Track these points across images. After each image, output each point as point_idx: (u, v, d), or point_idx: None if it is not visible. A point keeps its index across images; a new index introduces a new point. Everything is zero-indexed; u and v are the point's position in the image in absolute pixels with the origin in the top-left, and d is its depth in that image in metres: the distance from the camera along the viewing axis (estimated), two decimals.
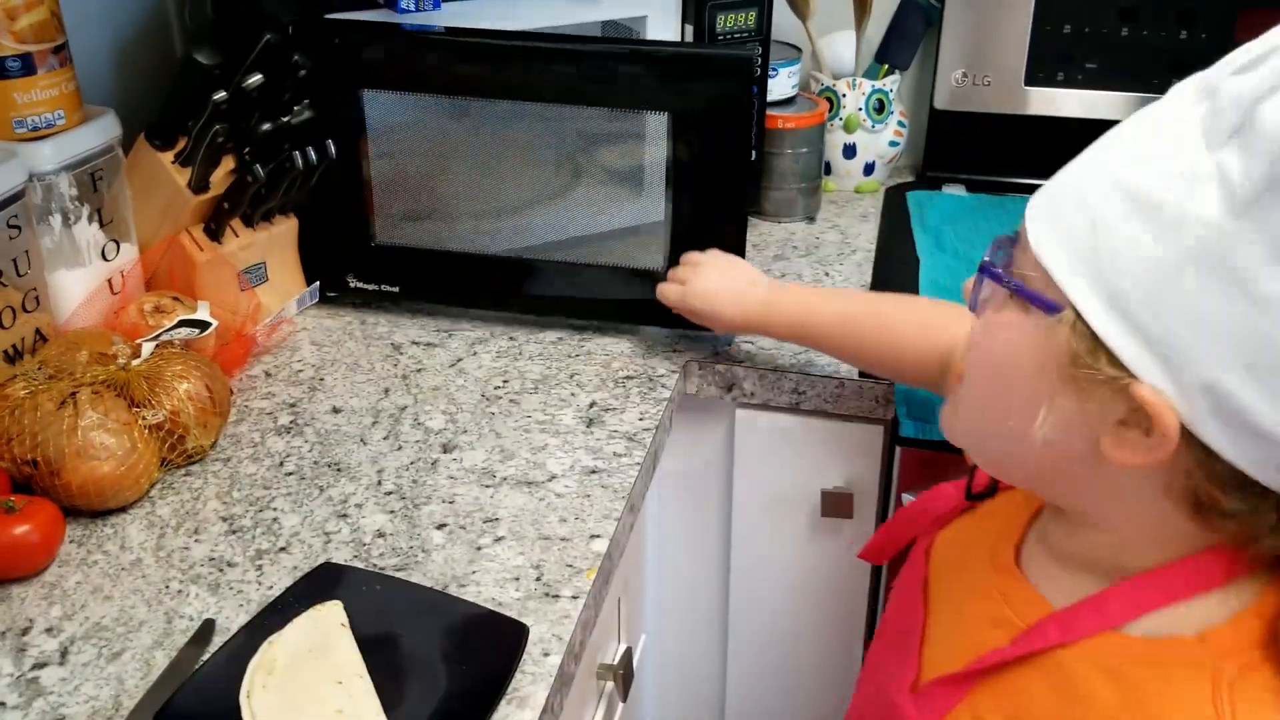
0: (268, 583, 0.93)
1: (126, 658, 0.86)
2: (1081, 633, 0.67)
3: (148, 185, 1.22)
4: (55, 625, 0.89)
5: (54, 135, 1.11)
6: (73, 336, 1.09)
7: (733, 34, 1.42)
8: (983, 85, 1.60)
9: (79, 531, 0.99)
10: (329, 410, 1.16)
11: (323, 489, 1.04)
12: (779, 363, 1.23)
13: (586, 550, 0.96)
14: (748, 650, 1.41)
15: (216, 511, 1.01)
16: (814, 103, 1.57)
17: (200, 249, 1.22)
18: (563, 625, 0.88)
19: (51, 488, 0.98)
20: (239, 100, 1.18)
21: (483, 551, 0.96)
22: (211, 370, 1.10)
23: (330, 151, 1.22)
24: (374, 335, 1.30)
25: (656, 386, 1.19)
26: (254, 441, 1.11)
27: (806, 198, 1.57)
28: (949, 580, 0.82)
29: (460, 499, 1.02)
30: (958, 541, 0.84)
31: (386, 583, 0.91)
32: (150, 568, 0.95)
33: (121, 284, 1.19)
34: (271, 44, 1.18)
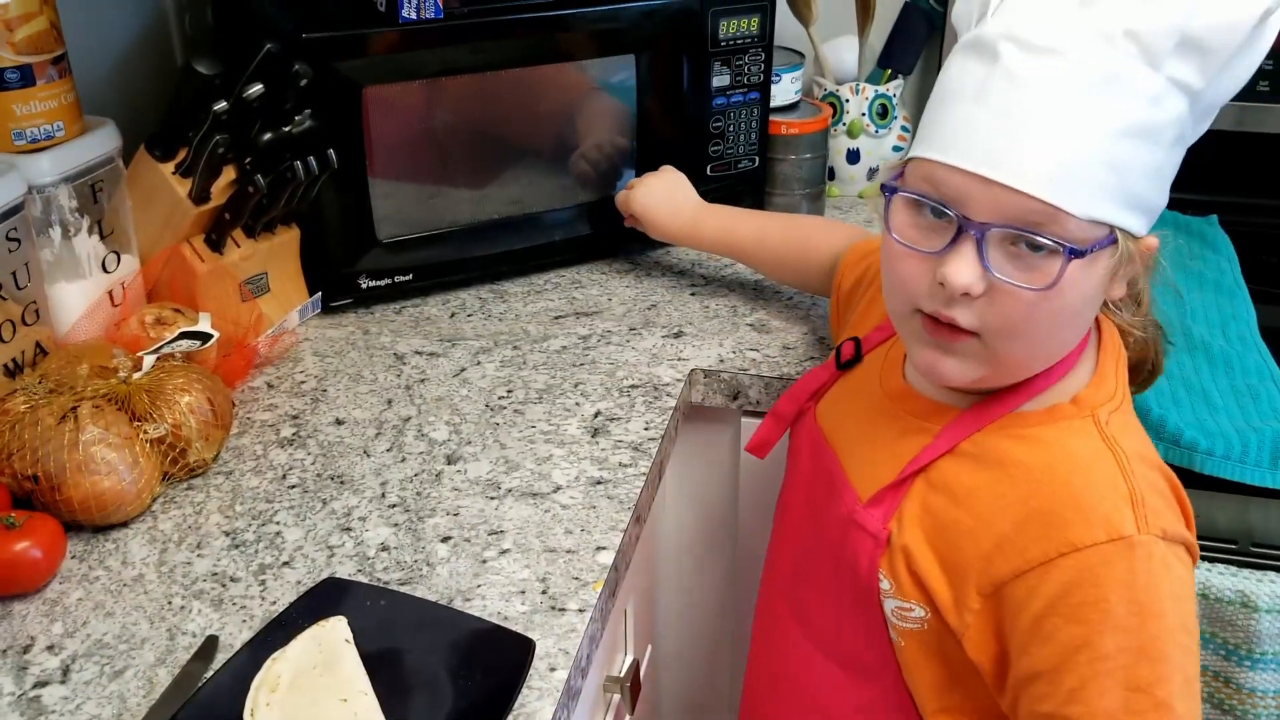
0: (271, 598, 0.92)
1: (129, 675, 0.85)
2: (989, 419, 0.85)
3: (148, 196, 1.21)
4: (57, 643, 0.88)
5: (53, 147, 1.10)
6: (73, 350, 1.08)
7: (736, 39, 1.42)
8: None
9: (80, 547, 0.98)
10: (332, 422, 1.15)
11: (326, 502, 1.03)
12: (784, 371, 1.22)
13: (593, 562, 0.95)
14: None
15: (219, 526, 1.00)
16: (817, 108, 1.56)
17: (201, 260, 1.22)
18: (569, 639, 0.87)
19: (52, 503, 0.97)
20: (240, 110, 1.18)
21: (488, 564, 0.95)
22: (213, 382, 1.09)
23: (332, 161, 1.21)
24: (376, 345, 1.29)
25: (661, 395, 1.18)
26: (256, 454, 1.10)
27: (810, 203, 1.56)
28: (848, 422, 0.97)
29: (465, 511, 1.01)
30: (842, 398, 1.00)
31: (391, 598, 0.90)
32: (152, 583, 0.94)
33: (122, 296, 1.18)
34: (272, 53, 1.17)
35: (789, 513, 1.03)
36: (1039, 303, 0.78)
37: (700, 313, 1.35)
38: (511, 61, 1.33)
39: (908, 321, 0.85)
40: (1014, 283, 0.77)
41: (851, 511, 0.90)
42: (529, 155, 1.41)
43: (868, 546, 0.88)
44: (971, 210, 0.77)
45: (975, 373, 0.83)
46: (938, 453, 0.87)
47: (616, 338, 1.29)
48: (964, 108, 0.78)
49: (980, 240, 0.77)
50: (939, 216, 0.79)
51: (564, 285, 1.42)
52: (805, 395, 1.03)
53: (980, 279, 0.78)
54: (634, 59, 1.39)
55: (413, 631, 0.86)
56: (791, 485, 1.04)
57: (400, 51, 1.25)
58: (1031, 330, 0.80)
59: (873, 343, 1.00)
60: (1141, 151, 0.76)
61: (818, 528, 0.96)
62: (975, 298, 0.78)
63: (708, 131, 1.45)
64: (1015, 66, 0.76)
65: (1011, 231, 0.76)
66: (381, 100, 1.27)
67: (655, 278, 1.43)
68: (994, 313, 0.79)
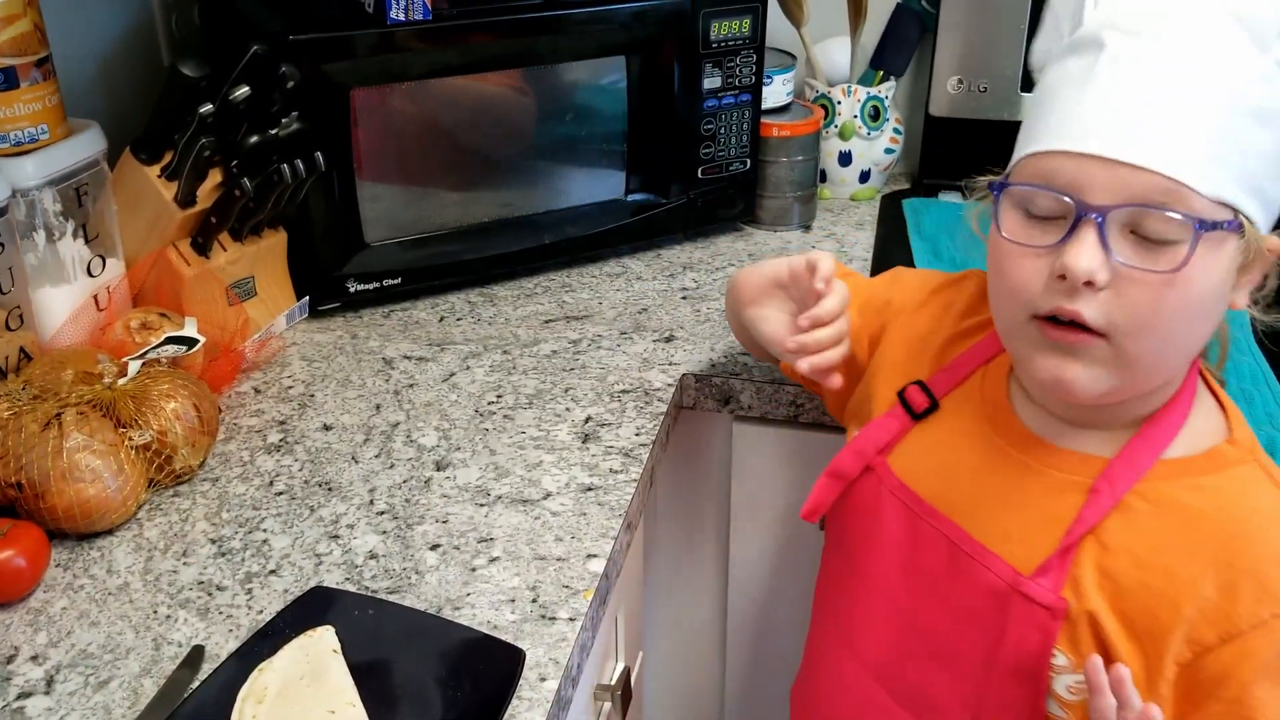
0: (258, 607, 0.91)
1: (114, 686, 0.84)
2: (1144, 467, 0.80)
3: (134, 199, 1.20)
4: (41, 653, 0.87)
5: (37, 150, 1.09)
6: (58, 355, 1.07)
7: (727, 41, 1.41)
8: (979, 91, 1.59)
9: (65, 555, 0.97)
10: (319, 427, 1.14)
11: (313, 509, 1.02)
12: (776, 376, 1.21)
13: (583, 570, 0.94)
14: (747, 667, 1.39)
15: (205, 533, 0.99)
16: (809, 110, 1.56)
17: (188, 264, 1.20)
18: (560, 649, 0.86)
19: (36, 511, 0.96)
20: (226, 112, 1.17)
21: (477, 573, 0.94)
22: (199, 388, 1.08)
23: (319, 163, 1.20)
24: (365, 350, 1.28)
25: (653, 400, 1.18)
26: (243, 460, 1.09)
27: (802, 206, 1.55)
28: (960, 481, 0.88)
29: (454, 518, 1.00)
30: (932, 451, 0.91)
31: (379, 607, 0.89)
32: (138, 592, 0.93)
33: (108, 300, 1.17)
34: (259, 55, 1.16)
35: (876, 582, 0.93)
36: (1166, 291, 0.73)
37: (691, 317, 1.34)
38: (501, 63, 1.32)
39: (1023, 331, 0.79)
40: (1140, 266, 0.73)
41: (1014, 584, 0.82)
42: (518, 158, 1.40)
43: (1040, 620, 0.81)
44: (1090, 195, 0.73)
45: (1105, 381, 0.77)
46: (1104, 510, 0.80)
47: (607, 342, 1.29)
48: (1070, 94, 0.76)
49: (1101, 225, 0.73)
50: (1054, 211, 0.75)
51: (554, 289, 1.41)
52: (873, 450, 0.93)
53: (1103, 265, 0.73)
54: (624, 61, 1.38)
55: (401, 641, 0.85)
56: (874, 551, 0.93)
57: (388, 53, 1.24)
58: (1161, 324, 0.75)
59: (945, 386, 0.92)
60: (1257, 132, 0.74)
61: (944, 603, 0.87)
62: (1099, 290, 0.74)
63: (699, 134, 1.44)
64: (1122, 50, 0.74)
65: (1136, 209, 0.73)
66: (369, 102, 1.26)
67: (646, 281, 1.43)
68: (1120, 305, 0.74)
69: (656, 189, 1.46)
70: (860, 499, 0.94)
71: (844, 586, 0.96)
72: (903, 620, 0.91)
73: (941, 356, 0.94)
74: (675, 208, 1.47)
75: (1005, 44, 1.56)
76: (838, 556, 0.98)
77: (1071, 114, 0.75)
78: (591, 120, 1.42)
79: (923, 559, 0.88)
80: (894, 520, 0.90)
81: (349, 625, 0.86)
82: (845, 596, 0.96)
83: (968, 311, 0.96)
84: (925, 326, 0.98)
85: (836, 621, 0.98)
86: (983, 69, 1.58)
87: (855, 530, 0.94)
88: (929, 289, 1.01)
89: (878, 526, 0.92)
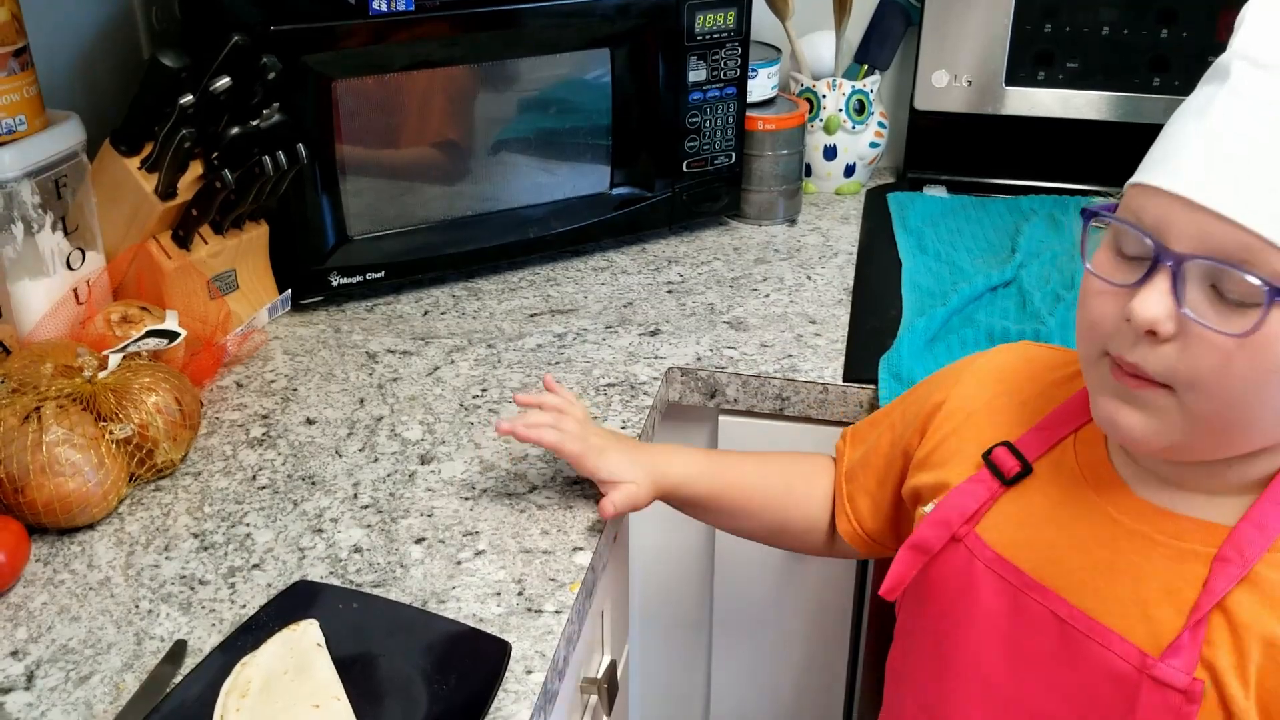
0: (241, 601, 0.90)
1: (95, 681, 0.83)
2: (1275, 533, 0.73)
3: (114, 192, 1.19)
4: (21, 648, 0.86)
5: (15, 141, 1.08)
6: (37, 349, 1.05)
7: (712, 34, 1.41)
8: (963, 85, 1.59)
9: (45, 550, 0.96)
10: (302, 421, 1.13)
11: (297, 503, 1.01)
12: (762, 369, 1.21)
13: (569, 563, 0.93)
14: (732, 661, 1.39)
15: (187, 528, 0.98)
16: (794, 104, 1.56)
17: (168, 257, 1.19)
18: (546, 641, 0.85)
19: (16, 505, 0.95)
20: (207, 104, 1.16)
21: (463, 566, 0.93)
22: (181, 382, 1.07)
23: (301, 155, 1.19)
24: (348, 344, 1.27)
25: (639, 394, 1.17)
26: (225, 455, 1.08)
27: (787, 200, 1.55)
28: (1068, 552, 0.80)
29: (439, 512, 1.00)
30: (1030, 520, 0.82)
31: (364, 600, 0.88)
32: (119, 587, 0.92)
33: (87, 294, 1.15)
34: (240, 46, 1.15)
35: (969, 662, 0.84)
36: (1236, 354, 0.67)
37: (677, 310, 1.33)
38: (484, 55, 1.32)
39: (1096, 366, 0.74)
40: (1208, 324, 0.67)
41: (1142, 666, 0.75)
42: (502, 151, 1.39)
43: (1174, 704, 0.74)
44: (1171, 240, 0.68)
45: (1164, 435, 0.72)
46: (1233, 580, 0.73)
47: (593, 336, 1.28)
48: (1184, 125, 0.70)
49: (1176, 273, 0.67)
50: (1137, 252, 0.70)
51: (539, 283, 1.40)
52: (960, 520, 0.84)
53: (1170, 316, 0.68)
54: (609, 53, 1.38)
55: (386, 635, 0.84)
56: (967, 629, 0.84)
57: (371, 44, 1.23)
58: (1227, 387, 0.69)
59: (1038, 448, 0.84)
60: None
61: (1055, 687, 0.80)
62: (1165, 340, 0.69)
63: (684, 127, 1.44)
64: (1241, 82, 0.68)
65: (1211, 265, 0.66)
66: (352, 94, 1.25)
67: (631, 275, 1.42)
68: (1185, 361, 0.68)
69: (641, 183, 1.46)
70: (947, 572, 0.85)
71: (930, 666, 0.88)
72: (1003, 705, 0.83)
73: (1029, 412, 0.86)
74: (660, 201, 1.47)
75: (989, 37, 1.56)
76: (920, 633, 0.89)
77: (1175, 149, 0.69)
78: (576, 114, 1.41)
79: (1027, 639, 0.80)
80: (991, 596, 0.82)
81: (333, 619, 0.85)
82: (932, 678, 0.87)
83: (1053, 365, 0.90)
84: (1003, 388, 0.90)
85: (921, 702, 0.89)
86: (967, 62, 1.58)
87: (942, 606, 0.85)
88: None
89: (971, 603, 0.83)
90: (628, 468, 0.97)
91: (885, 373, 1.18)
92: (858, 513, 0.98)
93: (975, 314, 1.29)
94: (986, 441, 0.85)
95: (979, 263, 1.41)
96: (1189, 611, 0.73)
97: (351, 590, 0.89)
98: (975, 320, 1.28)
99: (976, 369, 0.92)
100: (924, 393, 0.94)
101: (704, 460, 1.02)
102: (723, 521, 1.05)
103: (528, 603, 0.89)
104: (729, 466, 1.02)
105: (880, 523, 0.97)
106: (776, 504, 1.02)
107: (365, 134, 1.29)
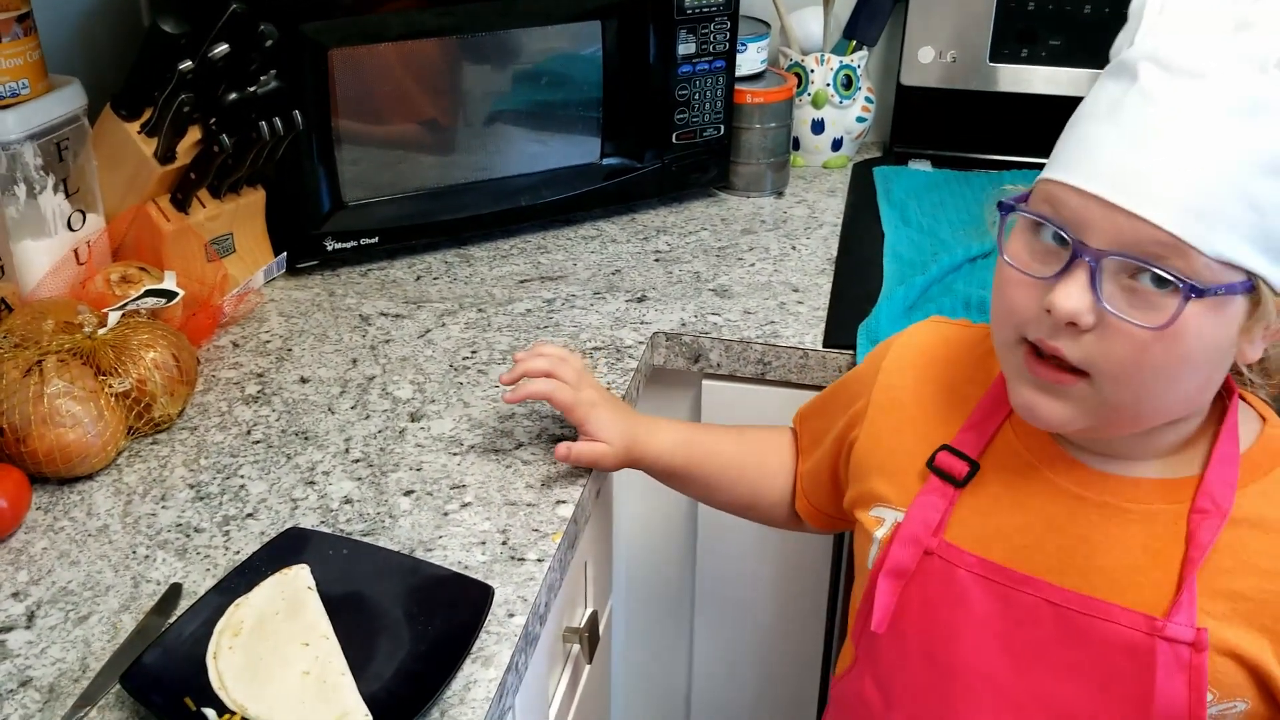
0: (235, 548, 0.93)
1: (93, 621, 0.86)
2: (1233, 483, 0.78)
3: (114, 155, 1.21)
4: (21, 590, 0.89)
5: (18, 104, 1.10)
6: (38, 306, 1.08)
7: (702, 8, 1.43)
8: (948, 61, 1.62)
9: (45, 498, 0.99)
10: (296, 380, 1.16)
11: (290, 457, 1.04)
12: (745, 334, 1.24)
13: (552, 515, 0.97)
14: (714, 617, 1.42)
15: (184, 479, 1.02)
16: (782, 78, 1.58)
17: (167, 219, 1.22)
18: (528, 587, 0.89)
19: (17, 454, 0.98)
20: (205, 69, 1.18)
21: (449, 517, 0.96)
22: (178, 340, 1.10)
23: (297, 122, 1.22)
24: (342, 307, 1.30)
25: (624, 357, 1.20)
26: (221, 410, 1.11)
27: (775, 173, 1.58)
28: (1042, 539, 0.81)
29: (428, 466, 1.03)
30: (995, 515, 0.83)
31: (353, 547, 0.91)
32: (117, 533, 0.95)
33: (87, 254, 1.18)
34: (238, 13, 1.18)
35: (973, 673, 0.84)
36: (1152, 344, 0.71)
37: (664, 278, 1.36)
38: (478, 25, 1.34)
39: (1012, 352, 0.77)
40: (1126, 318, 0.70)
41: (1153, 630, 0.77)
42: (495, 120, 1.42)
43: (1186, 658, 0.76)
44: (1089, 236, 0.71)
45: (1080, 420, 0.76)
46: (1215, 532, 0.77)
47: (580, 301, 1.31)
48: (1093, 127, 0.72)
49: (1094, 269, 0.70)
50: (1057, 242, 0.73)
51: (529, 250, 1.43)
52: (927, 533, 0.84)
53: (1089, 309, 0.71)
54: (600, 26, 1.40)
55: (374, 579, 0.88)
56: (961, 641, 0.83)
57: (366, 13, 1.26)
58: (1143, 376, 0.72)
59: (977, 444, 0.85)
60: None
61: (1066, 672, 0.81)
62: (1084, 331, 0.72)
63: (673, 100, 1.46)
64: (1152, 86, 0.70)
65: (1128, 261, 0.70)
66: (347, 62, 1.28)
67: (620, 244, 1.45)
68: (1103, 350, 0.72)
69: (631, 154, 1.49)
70: (929, 588, 0.84)
71: (925, 682, 0.86)
72: (1015, 704, 0.83)
73: (959, 400, 0.88)
74: (649, 172, 1.50)
75: (975, 14, 1.58)
76: (915, 659, 0.86)
77: (1087, 147, 0.72)
78: (567, 85, 1.44)
79: (1024, 632, 0.81)
80: (979, 599, 0.82)
81: (323, 564, 0.88)
82: (932, 693, 0.86)
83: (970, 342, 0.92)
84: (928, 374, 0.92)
85: None
86: (953, 39, 1.60)
87: (929, 624, 0.85)
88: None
89: (961, 610, 0.83)
90: (609, 429, 1.01)
91: (864, 338, 1.21)
92: (814, 494, 1.01)
93: (954, 283, 1.32)
94: (925, 447, 0.87)
95: (960, 235, 1.44)
96: (1178, 566, 0.77)
97: (342, 537, 0.93)
98: (954, 289, 1.31)
99: (894, 356, 0.94)
100: (853, 383, 0.97)
101: (682, 433, 1.05)
102: (697, 493, 1.08)
103: (511, 551, 0.92)
104: (705, 441, 1.05)
105: (835, 503, 0.99)
106: (749, 479, 1.05)
107: (361, 102, 1.32)
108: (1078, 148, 0.73)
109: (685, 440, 1.04)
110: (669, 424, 1.05)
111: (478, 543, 0.93)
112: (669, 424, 1.05)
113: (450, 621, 0.83)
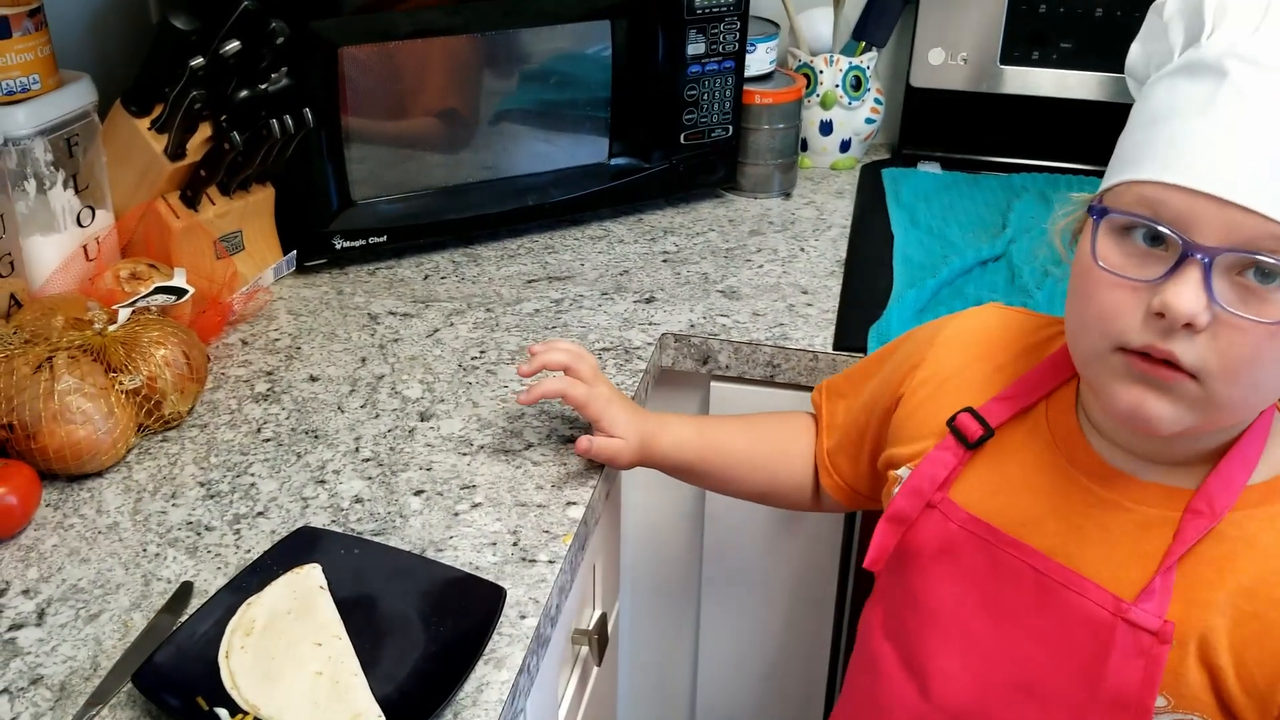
0: (245, 546, 0.93)
1: (104, 619, 0.86)
2: (1235, 493, 0.78)
3: (124, 151, 1.21)
4: (32, 587, 0.89)
5: (29, 100, 1.10)
6: (48, 302, 1.08)
7: (711, 8, 1.43)
8: (959, 63, 1.62)
9: (55, 495, 0.99)
10: (306, 378, 1.16)
11: (300, 455, 1.04)
12: (754, 336, 1.24)
13: (563, 516, 0.96)
14: (720, 620, 1.42)
15: (194, 476, 1.01)
16: (791, 79, 1.58)
17: (177, 216, 1.22)
18: (539, 589, 0.88)
19: (28, 451, 0.98)
20: (216, 66, 1.18)
21: (460, 517, 0.96)
22: (189, 337, 1.10)
23: (308, 120, 1.21)
24: (350, 305, 1.30)
25: (633, 358, 1.20)
26: (231, 408, 1.11)
27: (783, 174, 1.58)
28: (1037, 511, 0.83)
29: (438, 466, 1.03)
30: (999, 481, 0.85)
31: (365, 546, 0.91)
32: (127, 531, 0.95)
33: (97, 250, 1.18)
34: (249, 10, 1.18)
35: (951, 623, 0.87)
36: (1267, 341, 0.70)
37: (672, 279, 1.36)
38: (487, 24, 1.34)
39: (1104, 360, 0.75)
40: (1243, 315, 0.69)
41: (1117, 610, 0.79)
42: (503, 120, 1.42)
43: (1146, 646, 0.78)
44: (1198, 234, 0.69)
45: (1185, 420, 0.74)
46: (1203, 530, 0.78)
47: (589, 302, 1.31)
48: (1184, 123, 0.71)
49: (1208, 267, 0.69)
50: (1155, 242, 0.71)
51: (537, 250, 1.43)
52: (932, 488, 0.87)
53: (1206, 309, 0.69)
54: (609, 25, 1.40)
55: (385, 579, 0.88)
56: (946, 592, 0.87)
57: (376, 12, 1.26)
58: (1255, 373, 0.72)
59: (1002, 413, 0.87)
60: None
61: (1035, 637, 0.83)
62: (1197, 332, 0.70)
63: (682, 100, 1.46)
64: (1247, 84, 0.69)
65: (1244, 256, 0.69)
66: (357, 61, 1.28)
67: (628, 244, 1.45)
68: (1217, 350, 0.71)
69: (639, 154, 1.49)
70: (925, 537, 0.88)
71: (911, 622, 0.90)
72: (987, 662, 0.85)
73: (1003, 377, 0.89)
74: (657, 173, 1.50)
75: (985, 16, 1.58)
76: (900, 602, 0.91)
77: (1185, 145, 0.71)
78: (576, 85, 1.44)
79: (1006, 593, 0.84)
80: (969, 554, 0.85)
81: (335, 563, 0.88)
82: (913, 632, 0.90)
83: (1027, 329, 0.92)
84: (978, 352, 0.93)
85: (902, 655, 0.91)
86: (963, 41, 1.60)
87: (921, 572, 0.88)
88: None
89: (950, 565, 0.87)
90: (624, 425, 1.01)
91: (874, 341, 1.21)
92: (839, 469, 1.01)
93: (964, 286, 1.32)
94: (952, 410, 0.88)
95: (970, 237, 1.44)
96: (1159, 561, 0.78)
97: (353, 537, 0.93)
98: (964, 293, 1.31)
99: (951, 333, 0.94)
100: (901, 356, 0.97)
101: (695, 427, 1.05)
102: (713, 485, 1.08)
103: (522, 552, 0.92)
104: (719, 434, 1.05)
105: (863, 477, 1.00)
106: (764, 466, 1.05)
107: (370, 100, 1.32)
108: (1170, 147, 0.71)
109: (698, 434, 1.04)
110: (681, 419, 1.06)
111: (489, 543, 0.93)
112: (681, 419, 1.06)
113: (462, 623, 0.83)
